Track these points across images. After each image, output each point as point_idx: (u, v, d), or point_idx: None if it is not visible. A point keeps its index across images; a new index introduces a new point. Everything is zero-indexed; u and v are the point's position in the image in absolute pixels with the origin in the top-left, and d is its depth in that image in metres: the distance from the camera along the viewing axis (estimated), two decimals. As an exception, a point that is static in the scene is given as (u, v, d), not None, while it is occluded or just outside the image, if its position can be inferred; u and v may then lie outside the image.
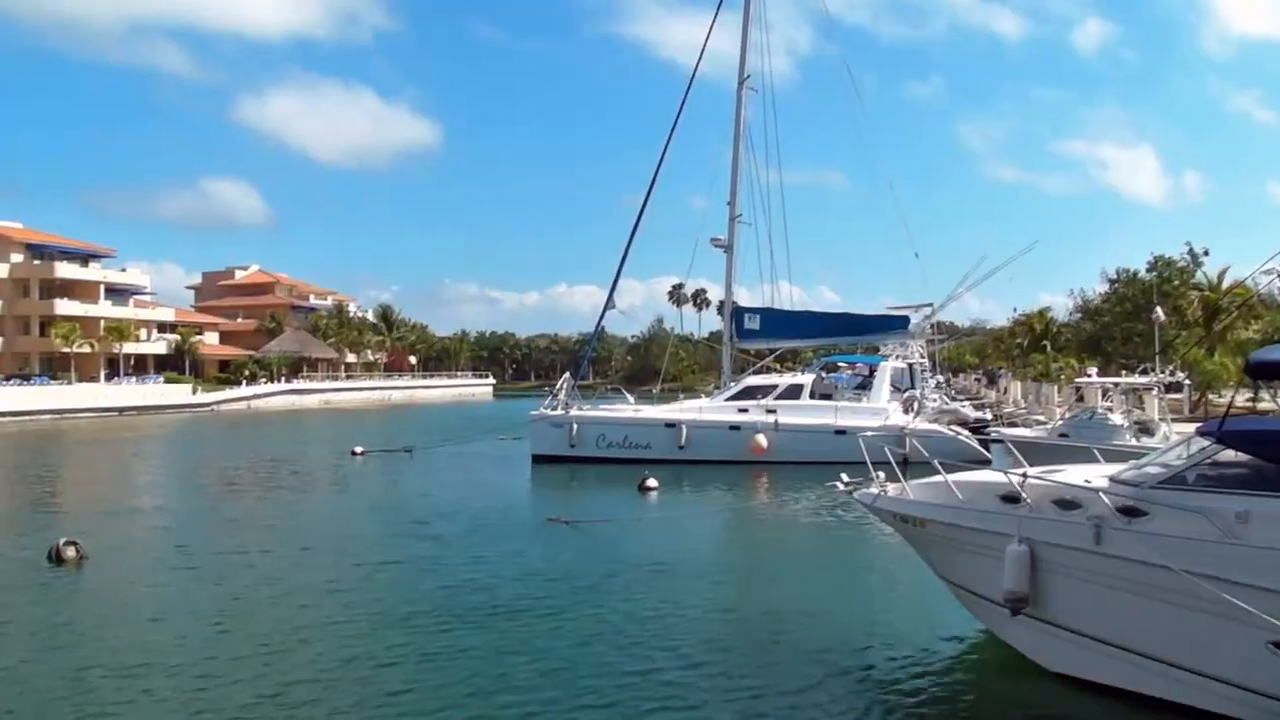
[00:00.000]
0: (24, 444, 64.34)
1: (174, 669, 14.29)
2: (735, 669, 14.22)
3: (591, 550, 24.21)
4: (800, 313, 52.16)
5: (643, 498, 33.91)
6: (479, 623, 16.67)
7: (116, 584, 20.69)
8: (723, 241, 50.69)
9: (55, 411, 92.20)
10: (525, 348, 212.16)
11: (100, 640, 16.04)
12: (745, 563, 24.35)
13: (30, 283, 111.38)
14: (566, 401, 46.75)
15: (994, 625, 14.21)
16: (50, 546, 22.66)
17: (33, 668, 14.58)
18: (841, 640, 15.50)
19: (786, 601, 18.61)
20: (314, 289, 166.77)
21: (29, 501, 36.15)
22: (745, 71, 50.80)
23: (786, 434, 43.18)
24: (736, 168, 50.68)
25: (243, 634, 16.09)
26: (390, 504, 33.16)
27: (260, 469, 46.11)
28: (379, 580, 20.61)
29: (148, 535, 27.84)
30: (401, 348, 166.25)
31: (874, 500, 15.19)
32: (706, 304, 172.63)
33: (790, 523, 29.83)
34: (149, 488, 40.75)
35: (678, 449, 43.97)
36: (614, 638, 15.77)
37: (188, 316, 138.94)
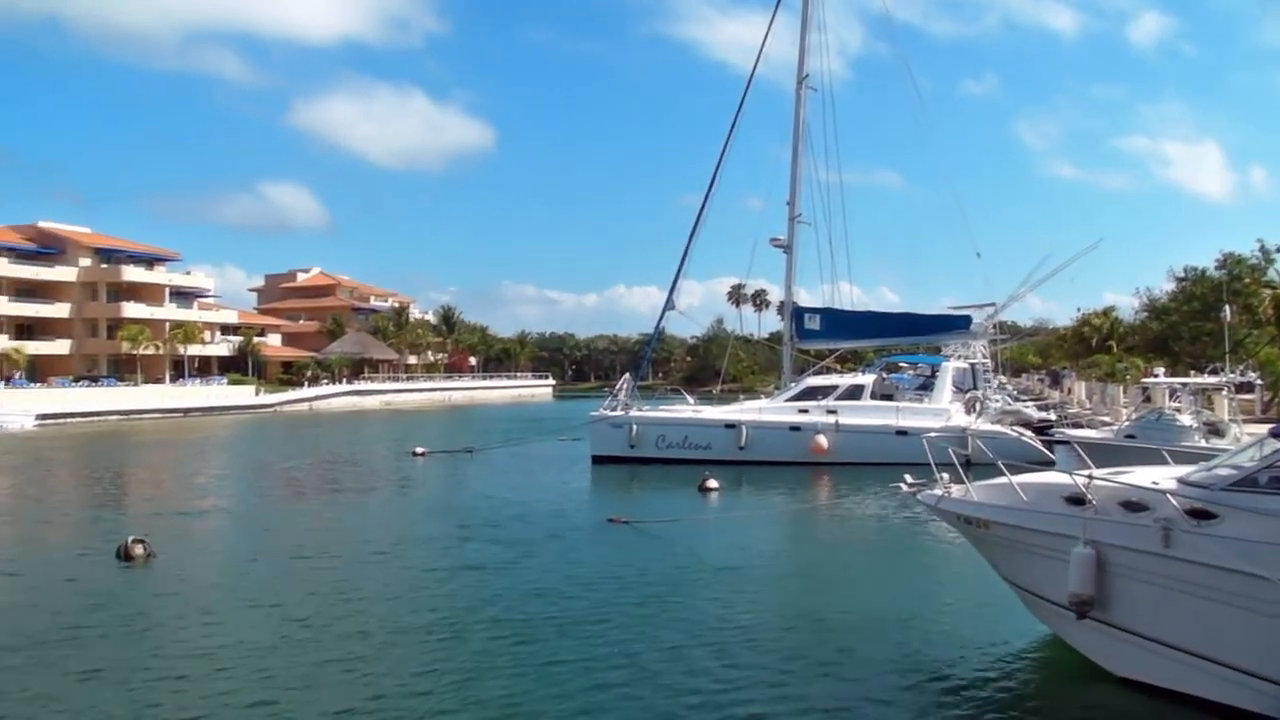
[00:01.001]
0: (92, 444, 65.16)
1: (238, 666, 14.39)
2: (797, 671, 14.12)
3: (652, 551, 24.14)
4: (861, 313, 51.82)
5: (703, 499, 33.82)
6: (539, 625, 16.62)
7: (183, 581, 20.87)
8: (782, 241, 50.48)
9: (122, 412, 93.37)
10: (585, 349, 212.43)
11: (167, 635, 16.21)
12: (806, 564, 24.19)
13: (98, 286, 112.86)
14: (626, 402, 46.73)
15: (1059, 629, 14.02)
16: (119, 544, 22.98)
17: (103, 662, 14.73)
18: (904, 643, 15.37)
19: (848, 604, 18.49)
20: (375, 290, 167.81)
21: (98, 500, 36.62)
22: (804, 70, 50.57)
23: (847, 435, 42.94)
24: (796, 167, 50.49)
25: (307, 634, 16.14)
26: (451, 505, 33.22)
27: (323, 469, 46.44)
28: (440, 580, 20.61)
29: (214, 534, 28.15)
30: (462, 349, 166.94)
31: (938, 501, 15.02)
32: (766, 304, 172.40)
33: (852, 524, 29.64)
34: (214, 487, 41.08)
35: (738, 450, 43.83)
36: (673, 640, 15.67)
37: (250, 319, 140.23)
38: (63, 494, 39.61)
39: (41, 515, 32.68)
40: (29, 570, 22.53)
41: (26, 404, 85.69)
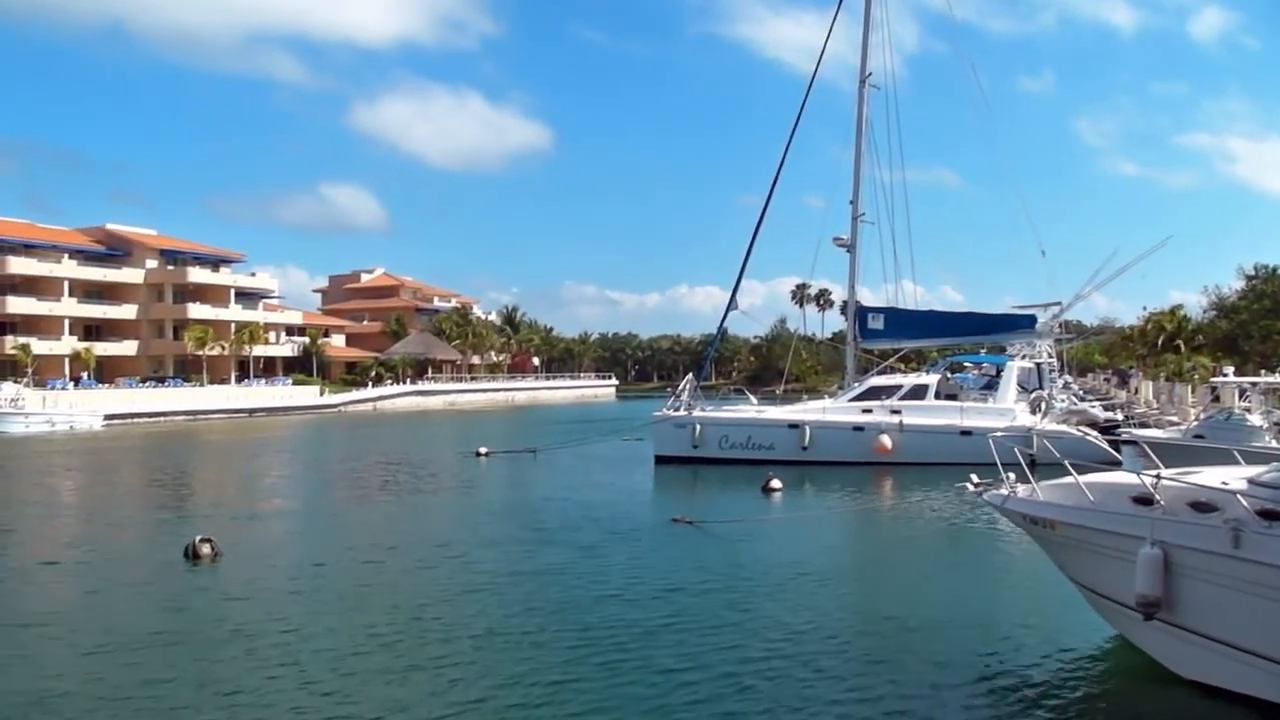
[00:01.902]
0: (159, 444, 65.98)
1: (303, 666, 14.53)
2: (862, 673, 14.11)
3: (715, 551, 24.19)
4: (925, 312, 51.58)
5: (766, 499, 33.80)
6: (604, 627, 16.69)
7: (250, 581, 21.05)
8: (845, 241, 50.31)
9: (188, 413, 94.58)
10: (647, 349, 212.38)
11: (240, 636, 16.35)
12: (870, 565, 24.13)
13: (164, 287, 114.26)
14: (689, 402, 46.76)
15: (1126, 630, 13.94)
16: (186, 543, 23.28)
17: (171, 658, 14.96)
18: (970, 643, 15.31)
19: (914, 605, 18.43)
20: (438, 291, 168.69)
21: (164, 500, 37.09)
22: (866, 70, 50.40)
23: (911, 435, 42.78)
24: (859, 166, 50.33)
25: (380, 638, 16.16)
26: (516, 505, 33.37)
27: (387, 470, 46.78)
28: (510, 584, 20.57)
29: (279, 533, 28.41)
30: (525, 349, 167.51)
31: (1003, 502, 14.97)
32: (829, 304, 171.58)
33: (916, 524, 29.53)
34: (279, 487, 41.54)
35: (801, 450, 43.76)
36: (736, 640, 15.72)
37: (314, 319, 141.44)
38: (130, 493, 40.15)
39: (110, 514, 33.19)
40: (100, 568, 22.86)
41: (94, 404, 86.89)
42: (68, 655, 15.38)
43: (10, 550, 25.87)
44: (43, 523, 31.35)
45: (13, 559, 24.52)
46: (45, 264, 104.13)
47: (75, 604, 19.48)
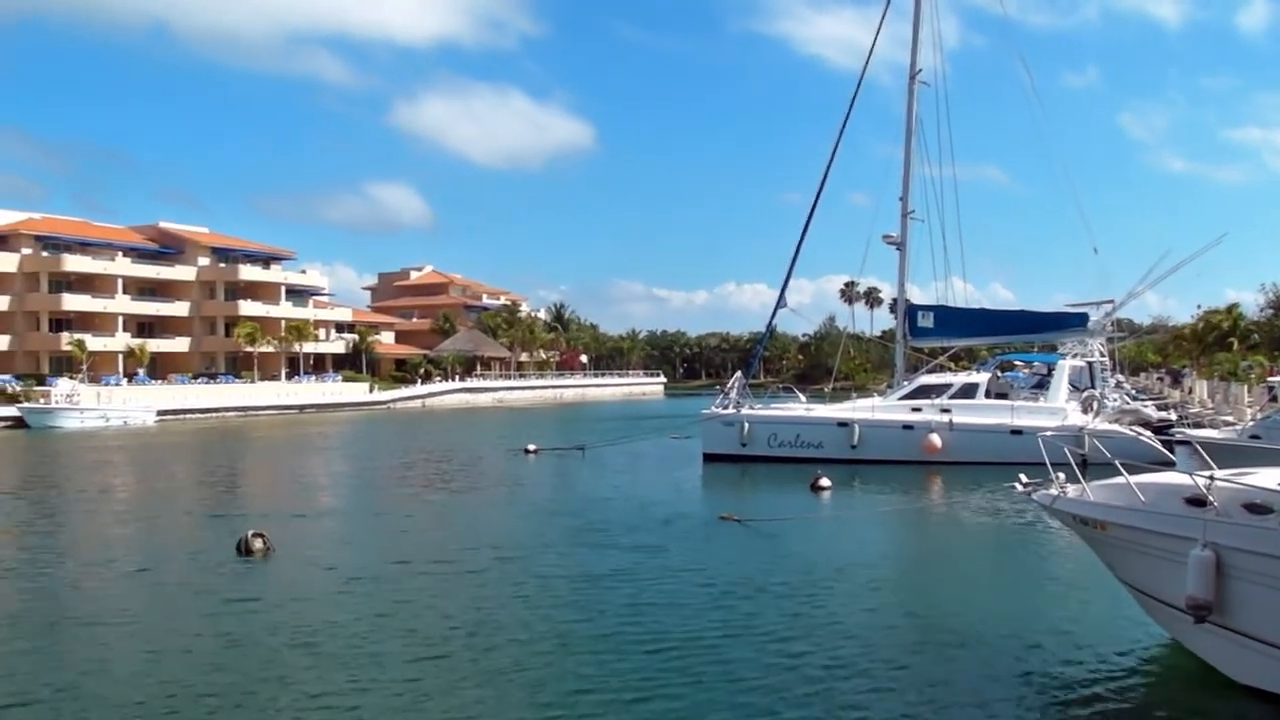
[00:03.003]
0: (210, 439, 66.63)
1: (362, 666, 14.50)
2: (909, 674, 14.04)
3: (764, 549, 24.13)
4: (975, 310, 51.27)
5: (815, 497, 33.71)
6: (652, 625, 16.69)
7: (302, 576, 21.23)
8: (895, 238, 50.02)
9: (240, 409, 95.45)
10: (696, 346, 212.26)
11: (291, 631, 16.45)
12: (919, 565, 24.00)
13: (216, 285, 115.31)
14: (738, 400, 46.70)
15: (1178, 633, 13.78)
16: (239, 538, 23.48)
17: (230, 654, 15.07)
18: (1019, 645, 15.18)
19: (962, 605, 18.32)
20: (486, 289, 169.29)
21: (217, 495, 37.42)
22: (916, 66, 50.09)
23: (961, 434, 42.52)
24: (908, 163, 49.99)
25: (430, 636, 16.14)
26: (565, 503, 33.39)
27: (436, 466, 46.99)
28: (563, 584, 20.46)
29: (330, 530, 28.60)
30: (574, 347, 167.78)
31: (1052, 501, 14.82)
32: (879, 302, 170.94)
33: (965, 524, 29.33)
34: (329, 483, 41.82)
35: (850, 448, 43.58)
36: (783, 639, 15.68)
37: (364, 316, 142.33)
38: (182, 488, 40.49)
39: (163, 508, 33.52)
40: (155, 562, 23.07)
41: (148, 400, 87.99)
42: (128, 651, 15.47)
43: (66, 545, 26.26)
44: (98, 516, 31.71)
45: (69, 553, 24.87)
46: (100, 262, 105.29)
47: (133, 598, 19.62)
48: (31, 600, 19.25)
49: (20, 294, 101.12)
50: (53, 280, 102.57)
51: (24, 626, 16.98)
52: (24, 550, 25.01)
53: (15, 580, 21.17)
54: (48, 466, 48.93)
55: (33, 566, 22.63)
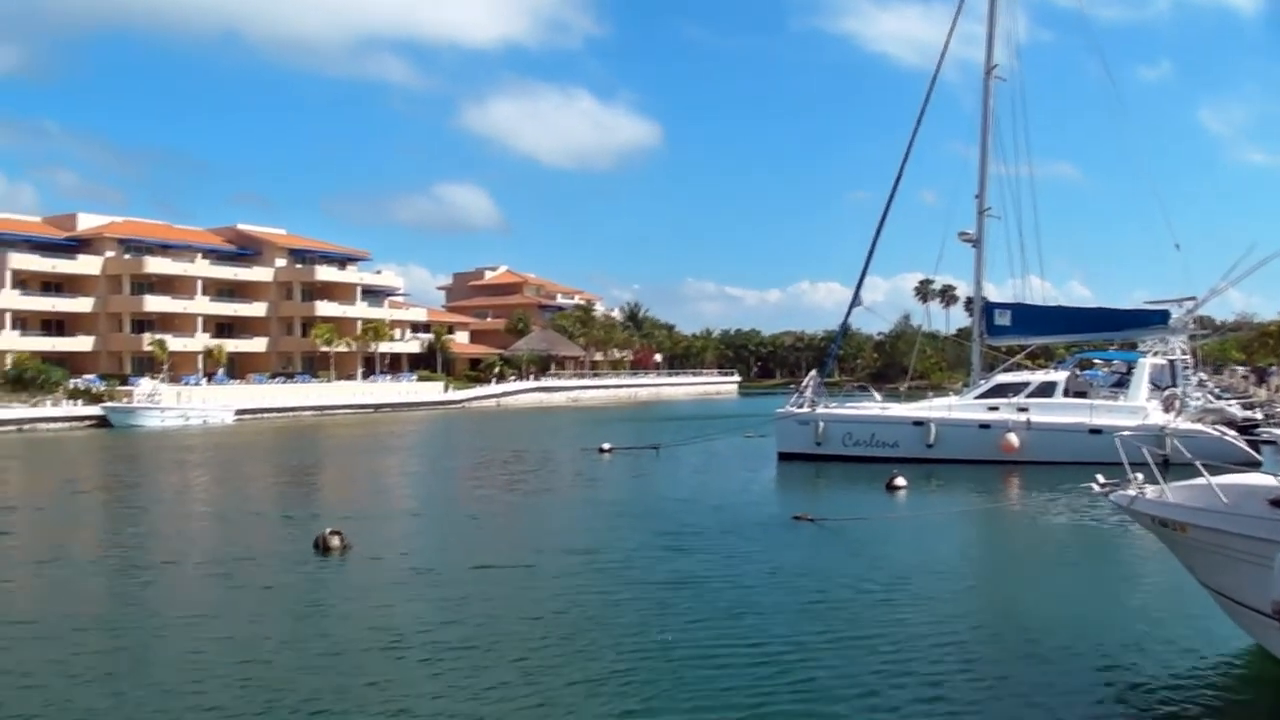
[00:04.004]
0: (287, 438, 67.36)
1: (428, 659, 14.65)
2: (985, 677, 13.88)
3: (839, 549, 24.06)
4: (1053, 308, 50.59)
5: (890, 497, 33.50)
6: (726, 626, 16.64)
7: (378, 573, 21.44)
8: (971, 236, 49.57)
9: (316, 408, 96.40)
10: (770, 345, 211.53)
11: (371, 630, 16.59)
12: (996, 566, 23.80)
13: (293, 286, 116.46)
14: (813, 399, 46.55)
15: (1263, 638, 13.52)
16: (316, 536, 23.75)
17: (305, 650, 15.27)
18: (1096, 649, 14.97)
19: (1038, 608, 18.15)
20: (560, 288, 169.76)
21: (294, 493, 37.93)
22: (992, 61, 49.56)
23: (1039, 433, 42.05)
24: (984, 160, 49.51)
25: (505, 633, 16.21)
26: (639, 503, 33.38)
27: (511, 465, 47.16)
28: (641, 587, 20.29)
29: (406, 528, 28.84)
30: (649, 346, 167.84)
31: (1131, 502, 14.60)
32: (954, 300, 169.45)
33: (1043, 525, 28.95)
34: (405, 481, 42.18)
35: (926, 447, 43.27)
36: (857, 640, 15.61)
37: (439, 316, 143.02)
38: (260, 486, 41.01)
39: (242, 505, 33.99)
40: (236, 559, 23.33)
41: (226, 399, 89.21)
42: (213, 649, 15.60)
43: (149, 542, 26.64)
44: (179, 514, 32.29)
45: (152, 550, 25.21)
46: (180, 263, 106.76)
47: (215, 595, 19.91)
48: (117, 599, 19.59)
49: (104, 296, 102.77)
50: (135, 282, 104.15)
51: (111, 625, 17.22)
52: (109, 549, 25.44)
53: (101, 579, 21.53)
54: (130, 465, 49.68)
55: (118, 565, 23.03)
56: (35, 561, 23.49)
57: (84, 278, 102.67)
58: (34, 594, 20.39)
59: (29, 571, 22.45)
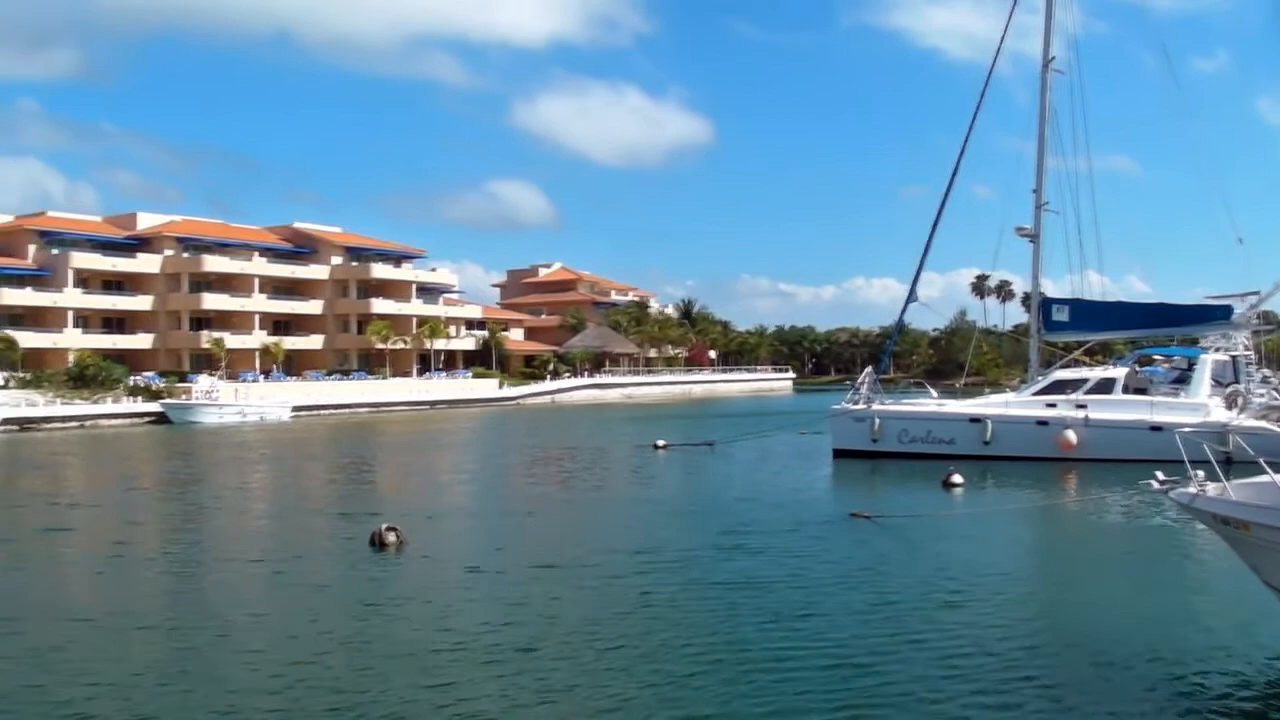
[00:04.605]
0: (344, 435, 67.85)
1: (492, 661, 14.54)
2: (1041, 679, 13.68)
3: (899, 548, 23.93)
4: (1112, 303, 50.04)
5: (947, 494, 33.28)
6: (795, 628, 16.47)
7: (434, 570, 21.54)
8: (1029, 231, 49.10)
9: (371, 405, 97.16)
10: (824, 342, 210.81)
11: (421, 622, 16.73)
12: (1053, 564, 23.57)
13: (349, 283, 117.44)
14: (868, 396, 46.31)
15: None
16: (373, 532, 23.90)
17: (363, 647, 15.26)
18: (1155, 651, 14.74)
19: (1097, 608, 17.95)
20: (615, 285, 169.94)
21: (351, 489, 38.20)
22: (1050, 53, 49.06)
23: (1098, 430, 41.63)
24: (1042, 153, 49.00)
25: (564, 633, 16.10)
26: (695, 500, 33.38)
27: (565, 462, 47.29)
28: (693, 579, 20.36)
29: (462, 524, 29.03)
30: (703, 343, 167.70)
31: (1191, 500, 14.39)
32: (1010, 295, 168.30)
33: (1101, 523, 28.66)
34: (460, 478, 42.33)
35: (982, 445, 42.93)
36: (923, 642, 15.44)
37: (493, 313, 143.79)
38: (317, 481, 41.46)
39: (299, 501, 34.43)
40: (293, 553, 23.67)
41: (283, 396, 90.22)
42: (272, 643, 15.77)
43: (208, 538, 27.08)
44: (237, 509, 32.74)
45: (211, 546, 25.63)
46: (238, 262, 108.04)
47: (272, 589, 20.19)
48: (178, 596, 19.75)
49: (163, 294, 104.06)
50: (193, 280, 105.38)
51: (173, 623, 17.36)
52: (170, 546, 25.69)
53: (162, 576, 21.71)
54: (188, 461, 50.18)
55: (178, 561, 23.23)
56: (97, 558, 23.73)
57: (144, 276, 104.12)
58: (96, 591, 20.60)
59: (91, 568, 22.67)
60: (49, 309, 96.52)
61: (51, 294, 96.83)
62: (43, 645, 15.68)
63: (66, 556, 24.27)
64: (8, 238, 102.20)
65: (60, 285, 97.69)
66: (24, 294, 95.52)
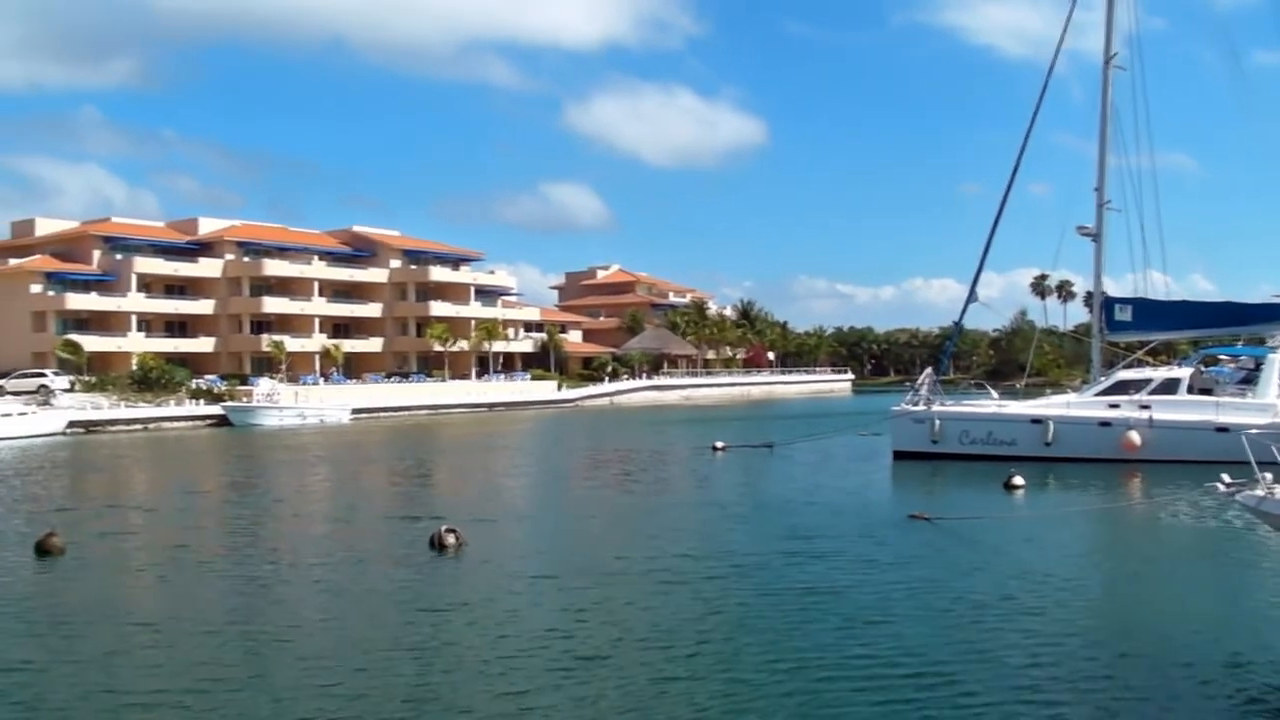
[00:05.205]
0: (403, 438, 68.22)
1: (558, 669, 14.35)
2: (1104, 685, 13.47)
3: (956, 549, 23.72)
4: (1176, 302, 49.40)
5: (1008, 496, 32.96)
6: (868, 635, 16.22)
7: (494, 573, 21.47)
8: (1090, 230, 48.56)
9: (430, 407, 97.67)
10: (884, 343, 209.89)
11: (482, 625, 16.69)
12: (1116, 568, 23.19)
13: (408, 286, 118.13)
14: (928, 397, 45.99)
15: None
16: (432, 534, 23.98)
17: (426, 654, 15.22)
18: (1222, 656, 14.46)
19: (1162, 612, 17.69)
20: (673, 286, 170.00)
21: (410, 491, 38.44)
22: (1111, 49, 48.51)
23: (1162, 431, 41.09)
24: (1104, 151, 48.44)
25: (625, 639, 15.93)
26: (756, 501, 33.25)
27: (624, 464, 47.31)
28: (759, 584, 20.07)
29: (521, 526, 29.00)
30: (762, 344, 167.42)
31: (1259, 503, 14.16)
32: (1071, 295, 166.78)
33: (1166, 526, 28.27)
34: (519, 480, 42.44)
35: (1044, 446, 42.50)
36: (987, 647, 15.30)
37: (551, 315, 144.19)
38: (376, 483, 41.68)
39: (359, 503, 34.60)
40: (352, 556, 23.73)
41: (343, 399, 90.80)
42: (338, 651, 15.67)
43: (270, 539, 27.25)
44: (298, 510, 33.04)
45: (273, 547, 25.78)
46: (297, 265, 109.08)
47: (334, 590, 20.23)
48: (241, 598, 19.73)
49: (224, 298, 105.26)
50: (254, 284, 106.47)
51: (236, 626, 17.39)
52: (233, 548, 25.73)
53: (225, 578, 21.76)
54: (249, 464, 50.64)
55: (241, 563, 23.27)
56: (159, 561, 23.90)
57: (205, 280, 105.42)
58: (158, 594, 20.74)
59: (154, 572, 22.81)
60: (113, 313, 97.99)
61: (116, 298, 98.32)
62: (107, 649, 15.77)
63: (130, 559, 24.48)
64: (73, 243, 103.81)
65: (124, 290, 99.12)
66: (89, 298, 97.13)
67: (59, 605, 19.09)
